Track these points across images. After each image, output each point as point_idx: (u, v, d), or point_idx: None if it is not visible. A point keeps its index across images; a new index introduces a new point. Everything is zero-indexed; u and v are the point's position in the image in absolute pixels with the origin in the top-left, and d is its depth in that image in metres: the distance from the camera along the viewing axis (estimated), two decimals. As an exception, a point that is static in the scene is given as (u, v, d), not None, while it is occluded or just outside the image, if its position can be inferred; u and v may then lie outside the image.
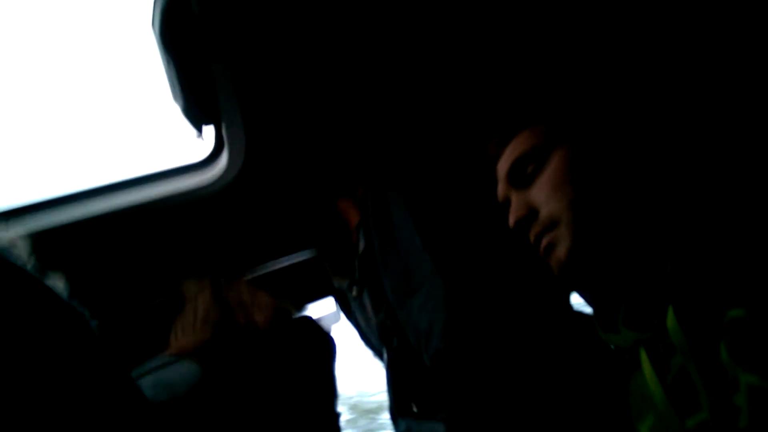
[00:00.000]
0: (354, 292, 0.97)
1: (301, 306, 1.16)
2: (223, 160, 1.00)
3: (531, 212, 0.66)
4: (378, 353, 1.02)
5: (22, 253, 0.61)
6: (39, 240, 0.91)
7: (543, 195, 0.65)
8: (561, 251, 0.62)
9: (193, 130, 1.00)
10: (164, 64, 0.92)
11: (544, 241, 0.64)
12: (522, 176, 0.69)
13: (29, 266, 0.55)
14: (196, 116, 0.97)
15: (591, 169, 0.65)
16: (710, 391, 0.50)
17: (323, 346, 0.97)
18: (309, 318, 1.01)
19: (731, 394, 0.48)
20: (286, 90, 0.96)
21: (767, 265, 0.49)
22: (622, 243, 0.61)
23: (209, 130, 1.01)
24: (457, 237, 0.79)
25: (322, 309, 1.21)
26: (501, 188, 0.73)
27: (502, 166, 0.72)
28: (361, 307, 0.96)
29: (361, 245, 0.91)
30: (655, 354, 0.58)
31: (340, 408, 0.94)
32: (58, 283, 0.60)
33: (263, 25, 0.86)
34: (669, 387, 0.55)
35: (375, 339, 0.96)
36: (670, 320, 0.54)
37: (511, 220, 0.68)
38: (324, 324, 1.01)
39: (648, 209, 0.62)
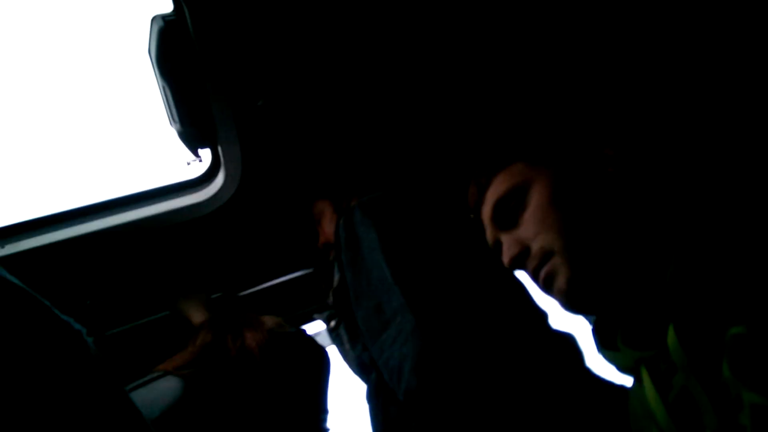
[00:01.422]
0: (332, 324, 0.95)
1: (297, 323, 1.15)
2: (220, 180, 1.01)
3: (524, 249, 0.65)
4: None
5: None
6: (35, 257, 0.91)
7: (531, 230, 0.65)
8: (561, 281, 0.62)
9: (189, 153, 1.00)
10: (160, 90, 0.93)
11: (542, 274, 0.63)
12: (506, 217, 0.69)
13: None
14: (193, 139, 0.98)
15: (571, 193, 0.65)
16: (715, 410, 0.49)
17: (317, 361, 0.96)
18: (304, 333, 1.00)
19: (735, 413, 0.48)
20: (282, 112, 0.97)
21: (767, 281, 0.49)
22: (619, 262, 0.60)
23: (205, 152, 1.01)
24: (428, 270, 0.75)
25: (318, 326, 1.21)
26: (489, 233, 0.73)
27: (486, 212, 0.72)
28: (339, 340, 0.92)
29: (336, 278, 0.88)
30: (656, 372, 0.57)
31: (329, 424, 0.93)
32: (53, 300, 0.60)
33: (259, 50, 0.87)
34: (671, 405, 0.54)
35: (355, 370, 0.93)
36: (671, 338, 0.53)
37: (506, 260, 0.67)
38: (319, 340, 1.01)
39: (642, 225, 0.61)
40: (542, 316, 0.78)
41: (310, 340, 0.99)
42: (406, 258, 0.75)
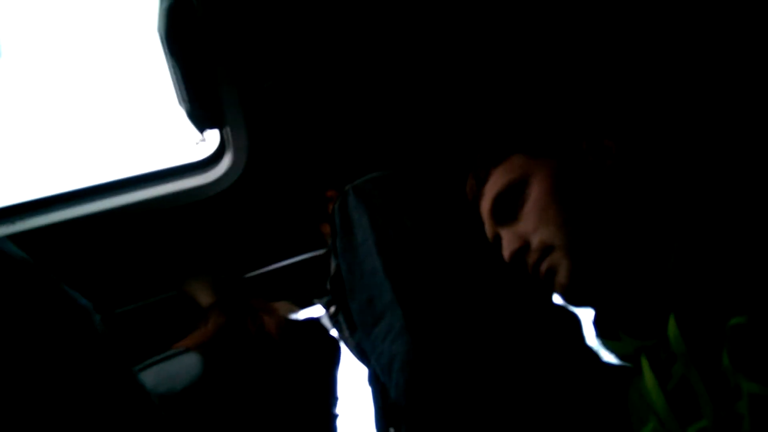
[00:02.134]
0: (331, 311, 0.93)
1: (302, 305, 1.16)
2: (227, 161, 1.01)
3: (524, 244, 0.65)
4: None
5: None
6: (44, 236, 0.93)
7: (531, 224, 0.65)
8: (562, 275, 0.62)
9: (197, 132, 1.01)
10: (169, 68, 0.93)
11: (543, 268, 0.63)
12: (505, 212, 0.68)
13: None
14: (201, 119, 0.98)
15: (571, 187, 0.64)
16: (713, 399, 0.49)
17: (329, 349, 0.97)
18: (315, 320, 1.01)
19: (733, 402, 0.48)
20: (289, 93, 0.96)
21: None
22: (619, 254, 0.60)
23: (213, 132, 1.02)
24: (422, 262, 0.72)
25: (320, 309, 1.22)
26: (488, 228, 0.72)
27: (485, 206, 0.72)
28: (339, 326, 0.90)
29: (333, 266, 0.86)
30: (656, 361, 0.57)
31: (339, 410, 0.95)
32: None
33: (267, 29, 0.86)
34: (670, 395, 0.55)
35: (356, 355, 0.91)
36: (671, 328, 0.53)
37: (506, 255, 0.67)
38: (324, 323, 1.02)
39: (642, 217, 0.61)
40: (546, 295, 0.77)
41: (323, 327, 1.00)
42: (399, 249, 0.73)
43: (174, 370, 0.77)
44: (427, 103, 1.04)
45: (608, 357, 0.71)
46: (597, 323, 0.67)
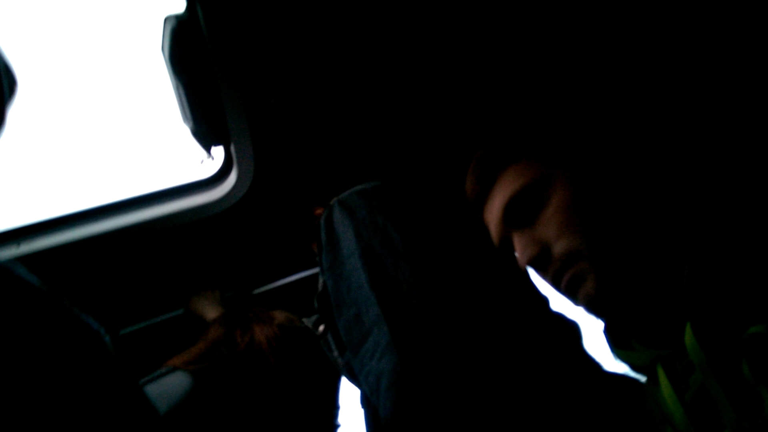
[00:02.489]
0: (319, 330, 0.88)
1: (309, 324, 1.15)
2: (232, 178, 1.01)
3: (543, 250, 0.62)
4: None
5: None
6: (50, 257, 0.93)
7: (552, 230, 0.61)
8: (589, 285, 0.59)
9: (201, 151, 1.01)
10: (173, 87, 0.94)
11: (566, 277, 0.60)
12: (521, 216, 0.65)
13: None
14: (205, 137, 0.99)
15: (600, 195, 0.61)
16: (735, 409, 0.49)
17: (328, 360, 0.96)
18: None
19: (755, 412, 0.47)
20: (295, 109, 0.97)
21: None
22: (644, 265, 0.58)
23: (218, 150, 1.02)
24: (407, 275, 0.67)
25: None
26: (496, 231, 0.68)
27: (494, 209, 0.68)
28: (327, 347, 0.86)
29: (320, 283, 0.82)
30: (672, 371, 0.56)
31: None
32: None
33: (271, 46, 0.87)
34: (688, 405, 0.54)
35: (347, 377, 0.86)
36: (688, 337, 0.53)
37: (522, 261, 0.63)
38: None
39: (664, 226, 0.60)
40: (543, 301, 0.74)
41: None
42: (385, 262, 0.69)
43: (158, 391, 0.75)
44: (431, 115, 1.05)
45: (619, 367, 0.69)
46: (609, 333, 0.66)
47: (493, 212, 0.68)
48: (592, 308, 0.61)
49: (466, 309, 0.66)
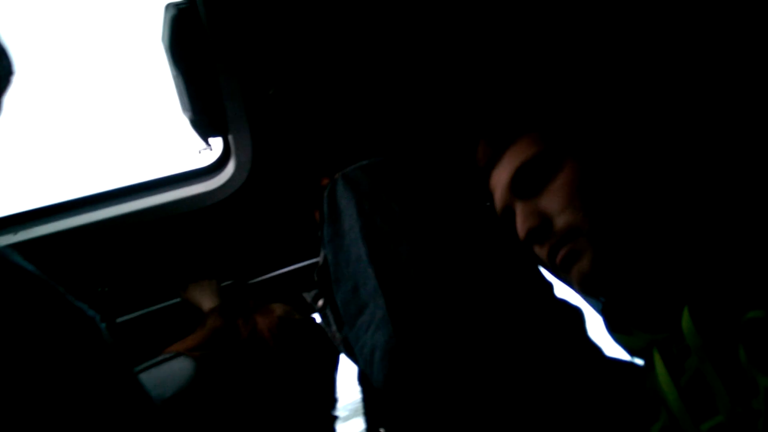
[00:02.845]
0: (319, 304, 0.88)
1: (306, 310, 1.16)
2: (230, 168, 1.01)
3: (543, 222, 0.61)
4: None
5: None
6: (48, 244, 0.93)
7: (556, 204, 0.61)
8: (584, 262, 0.59)
9: (201, 141, 1.01)
10: (173, 77, 0.94)
11: (563, 252, 0.60)
12: (528, 185, 0.64)
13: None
14: (204, 127, 0.99)
15: (608, 176, 0.61)
16: (729, 394, 0.49)
17: (326, 349, 0.96)
18: (313, 321, 1.00)
19: (749, 398, 0.47)
20: (293, 100, 0.97)
21: None
22: (643, 248, 0.58)
23: (217, 140, 1.02)
24: (406, 248, 0.67)
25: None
26: (501, 198, 0.68)
27: (502, 175, 0.67)
28: (326, 321, 0.86)
29: (321, 256, 0.83)
30: (668, 355, 0.57)
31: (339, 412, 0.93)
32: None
33: (270, 37, 0.87)
34: (683, 389, 0.54)
35: (345, 353, 0.86)
36: (686, 321, 0.53)
37: (522, 230, 0.63)
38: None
39: (665, 211, 0.60)
40: (547, 286, 0.74)
41: (320, 328, 0.99)
42: (384, 235, 0.69)
43: (164, 375, 0.76)
44: (430, 105, 1.04)
45: (616, 352, 0.69)
46: (607, 317, 0.65)
47: (501, 178, 0.68)
48: (584, 286, 0.61)
49: (463, 285, 0.66)
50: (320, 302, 0.86)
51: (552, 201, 0.62)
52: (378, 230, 0.69)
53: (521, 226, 0.63)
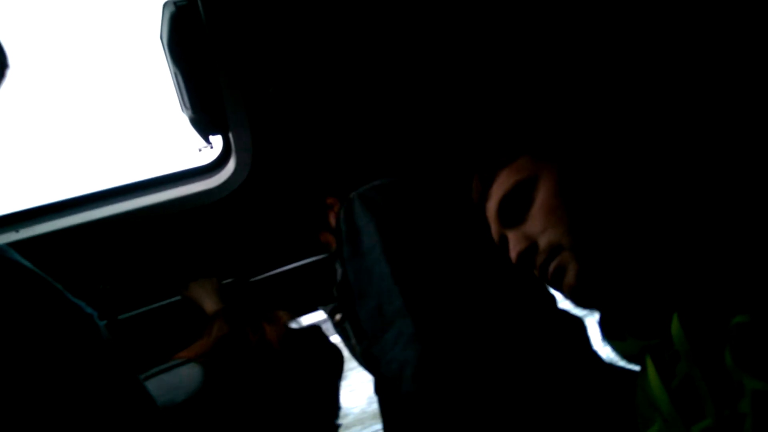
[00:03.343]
0: (337, 319, 0.93)
1: (309, 308, 1.16)
2: (230, 166, 1.02)
3: (531, 245, 0.64)
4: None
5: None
6: (49, 242, 0.94)
7: (538, 225, 0.64)
8: (570, 276, 0.61)
9: (201, 139, 1.01)
10: (171, 75, 0.94)
11: (551, 269, 0.62)
12: (512, 213, 0.68)
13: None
14: (204, 125, 0.99)
15: (578, 188, 0.64)
16: (715, 398, 0.49)
17: (331, 358, 0.97)
18: (317, 328, 1.01)
19: (736, 401, 0.48)
20: (293, 98, 0.97)
21: None
22: (627, 255, 0.60)
23: (217, 138, 1.02)
24: (430, 268, 0.72)
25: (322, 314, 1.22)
26: (494, 229, 0.71)
27: (491, 208, 0.71)
28: (345, 334, 0.91)
29: (339, 273, 0.86)
30: (660, 361, 0.57)
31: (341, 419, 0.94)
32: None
33: (270, 35, 0.87)
34: (674, 393, 0.55)
35: (363, 365, 0.91)
36: (675, 327, 0.54)
37: (513, 255, 0.66)
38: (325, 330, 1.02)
39: (648, 218, 0.61)
40: (551, 300, 0.77)
41: (324, 336, 1.00)
42: (407, 255, 0.73)
43: (175, 381, 0.77)
44: (429, 106, 1.05)
45: (613, 358, 0.71)
46: (602, 324, 0.67)
47: (491, 211, 0.71)
48: (574, 298, 0.63)
49: (482, 302, 0.70)
50: (338, 316, 0.91)
51: (534, 224, 0.65)
52: (400, 249, 0.74)
53: (512, 252, 0.67)
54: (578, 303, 0.63)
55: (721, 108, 0.94)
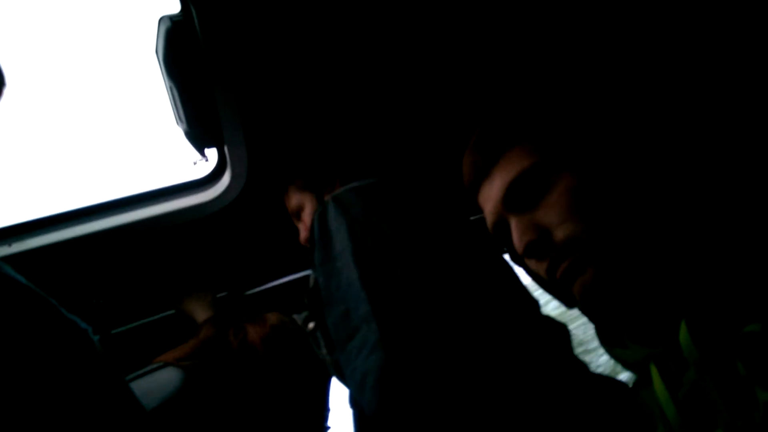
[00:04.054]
0: (309, 327, 0.87)
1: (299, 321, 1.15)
2: (225, 180, 1.01)
3: (542, 235, 0.59)
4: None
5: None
6: (42, 256, 0.92)
7: (555, 216, 0.59)
8: (587, 275, 0.57)
9: (196, 153, 1.01)
10: (167, 89, 0.93)
11: (564, 265, 0.58)
12: (523, 198, 0.62)
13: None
14: (199, 138, 0.98)
15: (606, 187, 0.59)
16: (728, 408, 0.48)
17: (320, 360, 0.95)
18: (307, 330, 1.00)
19: (749, 412, 0.47)
20: (288, 112, 0.97)
21: None
22: (645, 259, 0.56)
23: (212, 152, 1.02)
24: (402, 272, 0.67)
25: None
26: (493, 212, 0.66)
27: (494, 189, 0.65)
28: (316, 344, 0.85)
29: (311, 279, 0.83)
30: (665, 369, 0.56)
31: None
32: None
33: (265, 50, 0.87)
34: (681, 403, 0.53)
35: (335, 375, 0.85)
36: (683, 335, 0.52)
37: (520, 245, 0.61)
38: None
39: (665, 221, 0.58)
40: (534, 305, 0.73)
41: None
42: (378, 259, 0.68)
43: (150, 385, 0.75)
44: (427, 113, 1.05)
45: (599, 368, 0.69)
46: (602, 329, 0.64)
47: (492, 193, 0.66)
48: (588, 299, 0.58)
49: (455, 309, 0.65)
50: (311, 325, 0.86)
51: (550, 214, 0.60)
52: (370, 253, 0.69)
53: (519, 240, 0.61)
54: (589, 304, 0.59)
55: (742, 114, 0.92)
